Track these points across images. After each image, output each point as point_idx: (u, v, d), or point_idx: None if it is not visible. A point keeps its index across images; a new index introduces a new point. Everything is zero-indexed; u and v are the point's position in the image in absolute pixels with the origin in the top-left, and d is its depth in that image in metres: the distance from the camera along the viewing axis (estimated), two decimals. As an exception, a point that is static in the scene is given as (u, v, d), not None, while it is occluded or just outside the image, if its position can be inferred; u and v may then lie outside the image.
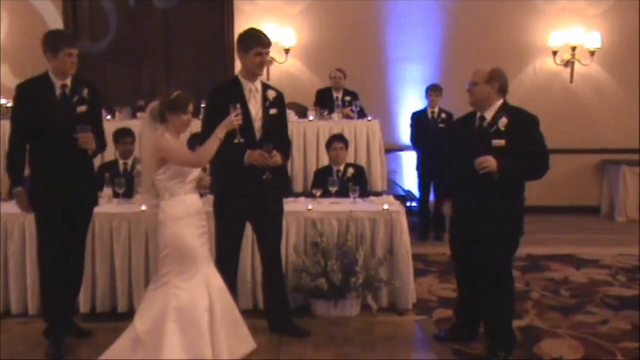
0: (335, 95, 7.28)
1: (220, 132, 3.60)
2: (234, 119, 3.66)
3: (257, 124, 4.02)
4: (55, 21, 8.01)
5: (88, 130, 3.74)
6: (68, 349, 3.91)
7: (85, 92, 3.89)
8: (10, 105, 6.49)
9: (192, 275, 3.48)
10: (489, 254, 3.72)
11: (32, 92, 3.83)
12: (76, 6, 8.28)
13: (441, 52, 8.48)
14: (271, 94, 4.07)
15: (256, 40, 3.96)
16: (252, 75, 4.02)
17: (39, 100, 3.79)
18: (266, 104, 4.05)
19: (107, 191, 4.92)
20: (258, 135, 4.02)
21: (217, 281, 3.57)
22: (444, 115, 7.11)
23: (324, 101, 7.10)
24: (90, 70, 4.00)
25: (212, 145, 3.58)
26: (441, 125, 7.05)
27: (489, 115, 3.76)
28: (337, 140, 5.75)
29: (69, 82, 3.87)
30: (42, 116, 3.76)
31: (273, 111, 4.07)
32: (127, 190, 5.01)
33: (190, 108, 3.56)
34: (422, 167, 7.26)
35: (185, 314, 3.40)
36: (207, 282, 3.50)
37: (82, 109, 3.87)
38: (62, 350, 3.85)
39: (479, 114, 3.81)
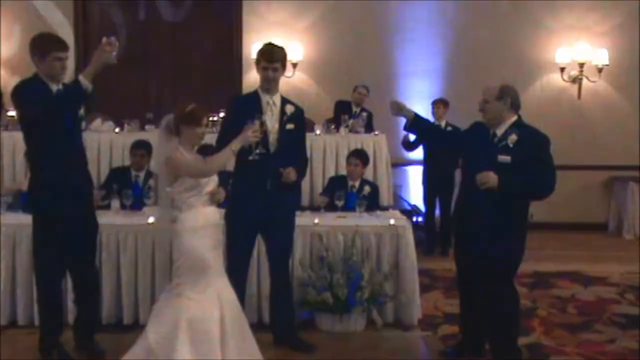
0: (354, 109, 7.30)
1: (234, 145, 3.59)
2: (250, 135, 3.61)
3: (272, 137, 4.03)
4: (67, 35, 8.04)
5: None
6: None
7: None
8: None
9: (205, 287, 3.47)
10: (492, 269, 3.71)
11: (32, 90, 3.73)
12: (87, 18, 8.36)
13: (447, 67, 8.50)
14: (289, 109, 4.09)
15: (259, 53, 4.08)
16: (266, 89, 4.05)
17: (37, 102, 3.70)
18: (283, 118, 4.06)
19: (115, 203, 4.93)
20: (272, 148, 4.03)
21: (229, 294, 3.56)
22: (449, 129, 7.04)
23: (342, 113, 7.09)
24: (100, 82, 3.99)
25: (223, 156, 3.60)
26: None
27: (500, 130, 3.77)
28: (354, 156, 5.76)
29: (61, 87, 3.78)
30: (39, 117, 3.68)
31: (290, 126, 4.08)
32: (135, 201, 5.02)
33: (205, 121, 3.58)
34: (427, 181, 7.26)
35: (197, 326, 3.39)
36: (219, 294, 3.50)
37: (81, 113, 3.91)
38: None
39: (492, 130, 3.81)
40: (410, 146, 7.23)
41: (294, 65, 8.23)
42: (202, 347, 3.38)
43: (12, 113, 6.65)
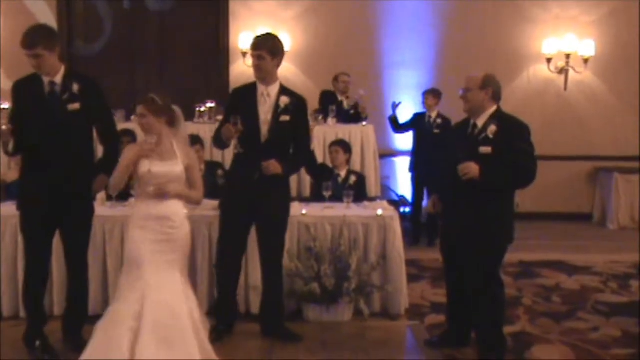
0: (340, 98, 7.26)
1: (126, 159, 3.56)
2: (145, 148, 3.54)
3: (264, 128, 4.01)
4: (49, 23, 7.94)
5: None
6: (55, 352, 3.88)
7: (75, 88, 3.76)
8: (4, 107, 6.47)
9: (134, 279, 3.42)
10: (476, 259, 3.75)
11: (22, 89, 3.80)
12: (70, 8, 8.25)
13: (435, 58, 8.50)
14: (283, 101, 4.05)
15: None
16: (260, 78, 4.05)
17: (29, 97, 3.75)
18: (277, 110, 4.03)
19: (101, 194, 4.90)
20: (263, 139, 4.02)
21: (159, 294, 3.37)
22: (439, 121, 7.07)
23: (328, 104, 7.07)
24: (84, 72, 3.96)
25: (119, 165, 3.59)
26: (436, 131, 7.03)
27: (480, 122, 3.79)
28: (333, 145, 5.78)
29: (58, 78, 3.76)
30: (36, 114, 3.70)
31: (284, 118, 4.04)
32: (121, 193, 4.98)
33: (139, 110, 3.54)
34: (415, 171, 7.26)
35: (113, 316, 3.39)
36: (146, 291, 3.37)
37: (74, 106, 3.75)
38: (49, 353, 3.83)
39: (472, 120, 3.83)
40: (397, 126, 7.27)
41: (282, 55, 8.19)
42: (109, 335, 3.34)
43: (-4, 103, 6.58)
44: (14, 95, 3.85)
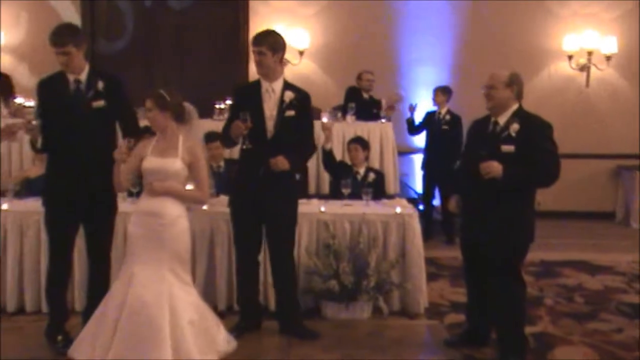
0: (365, 96, 7.28)
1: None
2: (120, 153, 3.62)
3: (269, 124, 4.02)
4: (73, 21, 8.02)
5: None
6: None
7: (100, 85, 3.83)
8: (28, 104, 6.56)
9: (123, 272, 3.54)
10: (497, 258, 3.71)
11: (47, 87, 3.86)
12: (94, 6, 8.32)
13: (454, 55, 8.45)
14: (288, 96, 4.05)
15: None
16: (263, 74, 4.05)
17: (54, 95, 3.80)
18: (282, 105, 4.04)
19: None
20: (269, 135, 4.03)
21: (140, 290, 3.40)
22: (448, 117, 7.14)
23: (353, 100, 7.08)
24: (106, 69, 4.01)
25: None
26: (445, 127, 7.10)
27: (502, 120, 3.75)
28: (353, 142, 5.75)
29: (83, 76, 3.83)
30: (61, 111, 3.74)
31: (290, 113, 4.04)
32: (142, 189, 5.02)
33: (147, 104, 3.58)
34: (427, 168, 7.32)
35: (105, 302, 3.50)
36: (130, 283, 3.43)
37: (99, 103, 3.82)
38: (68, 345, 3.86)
39: (493, 118, 3.80)
40: (412, 129, 7.38)
41: (301, 52, 8.20)
42: (100, 324, 3.44)
43: (19, 100, 6.66)
44: (39, 93, 3.90)
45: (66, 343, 3.79)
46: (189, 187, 3.68)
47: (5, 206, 4.61)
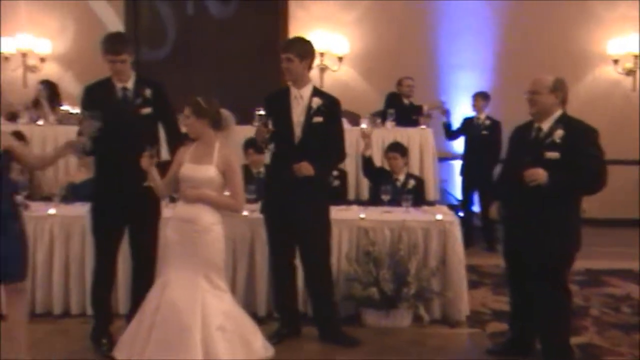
0: (405, 102, 7.28)
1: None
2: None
3: (297, 130, 4.04)
4: (116, 29, 8.21)
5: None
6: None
7: (147, 92, 3.93)
8: (74, 111, 6.74)
9: (159, 277, 3.60)
10: (542, 267, 3.64)
11: (94, 94, 3.94)
12: (137, 15, 8.50)
13: (494, 60, 8.35)
14: (315, 102, 4.05)
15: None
16: (291, 81, 4.08)
17: (101, 101, 3.88)
18: (310, 111, 4.04)
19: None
20: (297, 141, 4.05)
21: (173, 295, 3.45)
22: (488, 122, 7.11)
23: (393, 106, 7.08)
24: (149, 76, 4.10)
25: None
26: (484, 132, 7.06)
27: (545, 125, 3.68)
28: (391, 150, 5.71)
29: (130, 84, 3.93)
30: (105, 118, 3.79)
31: (317, 119, 4.04)
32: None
33: (185, 111, 3.63)
34: (466, 175, 7.27)
35: (143, 306, 3.57)
36: (165, 287, 3.49)
37: (146, 110, 3.93)
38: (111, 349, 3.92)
39: (536, 124, 3.73)
40: (449, 134, 7.35)
41: (340, 58, 8.22)
42: (138, 327, 3.51)
43: (65, 107, 6.85)
44: (84, 99, 3.99)
45: (110, 346, 3.85)
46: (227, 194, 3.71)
47: (52, 211, 4.72)
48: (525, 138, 3.78)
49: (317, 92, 4.13)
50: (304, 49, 4.05)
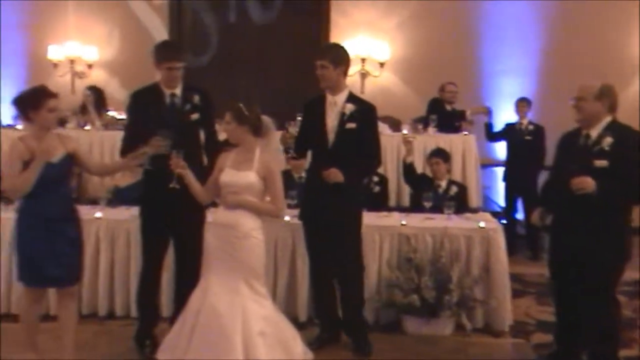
0: (447, 108, 7.23)
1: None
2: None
3: (330, 136, 4.03)
4: (161, 37, 8.34)
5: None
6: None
7: (196, 99, 3.99)
8: (119, 117, 6.89)
9: (201, 280, 3.61)
10: (590, 277, 3.56)
11: (143, 99, 4.01)
12: (180, 23, 8.64)
13: (540, 66, 8.22)
14: (348, 108, 4.03)
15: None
16: (326, 87, 4.08)
17: (149, 107, 3.94)
18: (343, 117, 4.03)
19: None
20: (329, 147, 4.05)
21: (216, 299, 3.47)
22: (531, 127, 7.05)
23: (435, 112, 7.04)
24: (192, 83, 4.16)
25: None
26: (528, 138, 7.00)
27: (594, 133, 3.60)
28: (434, 155, 5.66)
29: (178, 90, 3.99)
30: (154, 124, 3.86)
31: (350, 125, 4.02)
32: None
33: (226, 117, 3.64)
34: (508, 181, 7.18)
35: (185, 308, 3.60)
36: (207, 291, 3.52)
37: (195, 116, 3.99)
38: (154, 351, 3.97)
39: (584, 131, 3.65)
40: (490, 134, 7.29)
41: (381, 64, 8.20)
42: (180, 330, 3.55)
43: (112, 113, 7.00)
44: (132, 104, 4.06)
45: (153, 348, 3.91)
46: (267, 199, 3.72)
47: (98, 214, 4.81)
48: (573, 145, 3.70)
49: (352, 98, 4.12)
50: (338, 56, 4.06)
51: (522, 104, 7.13)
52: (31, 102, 3.53)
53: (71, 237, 3.64)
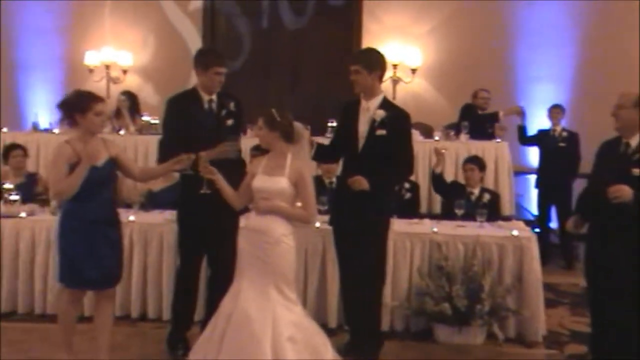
0: (480, 114, 7.18)
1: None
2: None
3: (361, 142, 4.00)
4: (195, 42, 8.47)
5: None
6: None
7: (232, 105, 4.05)
8: (153, 121, 6.98)
9: (233, 285, 3.62)
10: (627, 290, 3.48)
11: (181, 104, 4.04)
12: (214, 28, 8.72)
13: (574, 73, 8.08)
14: (378, 114, 3.96)
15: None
16: (360, 92, 4.05)
17: (188, 112, 3.98)
18: (373, 124, 3.98)
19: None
20: (359, 153, 4.02)
21: (247, 304, 3.48)
22: (565, 134, 6.95)
23: (467, 118, 6.99)
24: (225, 88, 4.20)
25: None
26: (562, 144, 6.91)
27: (634, 141, 3.55)
28: (468, 162, 5.62)
29: (214, 96, 4.04)
30: (192, 128, 3.89)
31: (381, 132, 3.95)
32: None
33: (258, 122, 3.65)
34: (541, 188, 7.09)
35: (217, 312, 3.62)
36: (237, 295, 3.53)
37: (230, 122, 4.04)
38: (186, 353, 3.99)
39: (624, 140, 3.59)
40: (523, 137, 7.20)
41: (413, 70, 8.16)
42: (211, 333, 3.55)
43: (146, 117, 7.09)
44: (170, 109, 4.07)
45: (185, 351, 3.94)
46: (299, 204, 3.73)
47: (131, 217, 4.88)
48: (612, 153, 3.64)
49: (385, 104, 4.04)
50: (371, 60, 4.01)
51: (556, 110, 7.04)
52: (78, 105, 3.58)
53: (112, 240, 3.69)
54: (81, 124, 3.59)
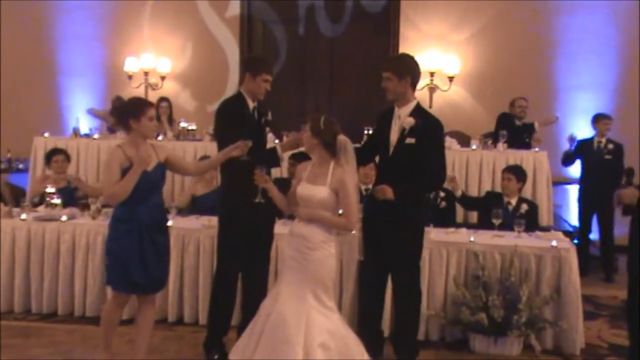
0: (517, 123, 7.08)
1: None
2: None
3: (391, 149, 3.97)
4: (232, 49, 8.57)
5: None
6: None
7: (269, 115, 4.12)
8: (191, 128, 7.08)
9: (274, 286, 3.71)
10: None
11: (234, 108, 4.05)
12: (251, 35, 8.80)
13: (617, 81, 7.92)
14: (408, 122, 3.90)
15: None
16: (392, 100, 4.02)
17: (239, 116, 4.00)
18: (403, 131, 3.94)
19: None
20: (389, 160, 4.01)
21: (284, 306, 3.52)
22: (611, 146, 6.72)
23: (504, 127, 6.90)
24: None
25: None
26: (607, 157, 6.70)
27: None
28: (507, 171, 5.57)
29: (255, 103, 4.09)
30: (241, 132, 3.89)
31: (410, 140, 3.90)
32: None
33: (308, 124, 3.68)
34: (583, 200, 6.90)
35: (257, 313, 3.66)
36: (277, 297, 3.57)
37: (267, 129, 4.15)
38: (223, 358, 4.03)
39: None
40: (569, 160, 6.98)
41: (450, 78, 8.10)
42: (250, 333, 3.62)
43: (183, 124, 7.19)
44: (223, 113, 4.06)
45: (221, 356, 3.97)
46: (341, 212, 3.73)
47: (169, 223, 4.92)
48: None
49: (418, 111, 3.97)
50: (402, 67, 3.96)
51: (606, 121, 6.76)
52: (132, 111, 3.65)
53: (160, 245, 3.74)
54: (135, 129, 3.65)
